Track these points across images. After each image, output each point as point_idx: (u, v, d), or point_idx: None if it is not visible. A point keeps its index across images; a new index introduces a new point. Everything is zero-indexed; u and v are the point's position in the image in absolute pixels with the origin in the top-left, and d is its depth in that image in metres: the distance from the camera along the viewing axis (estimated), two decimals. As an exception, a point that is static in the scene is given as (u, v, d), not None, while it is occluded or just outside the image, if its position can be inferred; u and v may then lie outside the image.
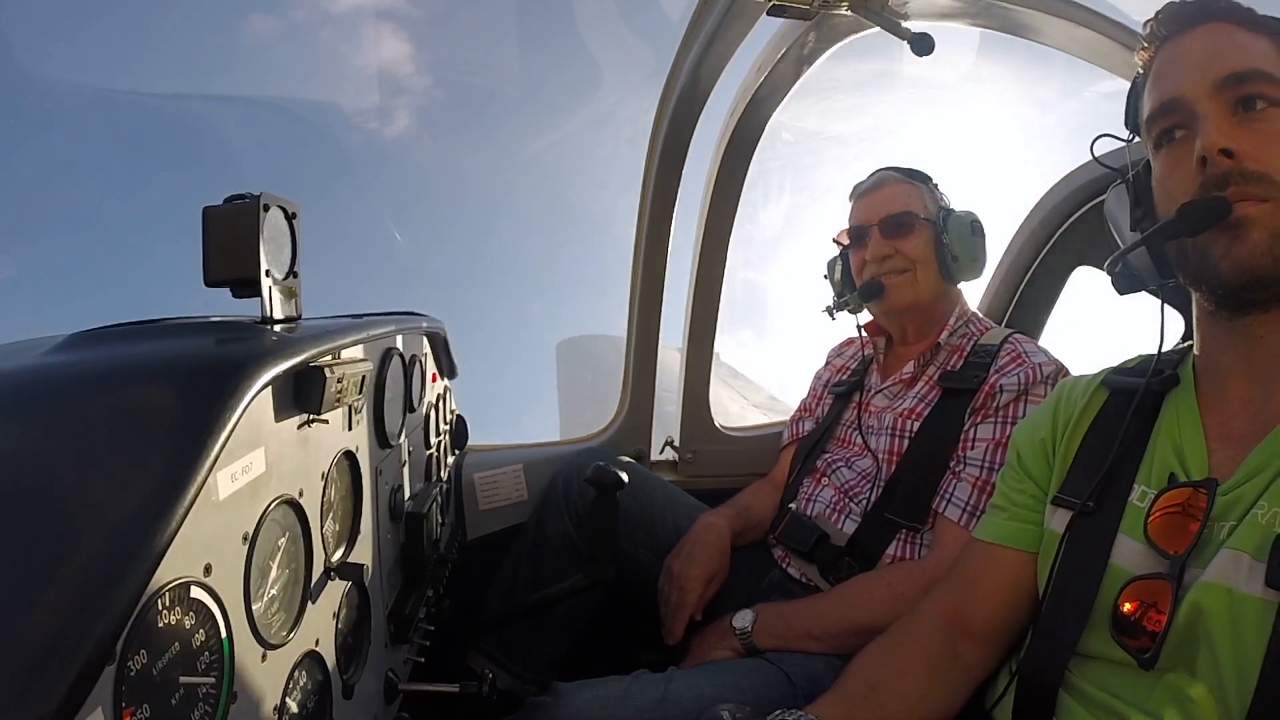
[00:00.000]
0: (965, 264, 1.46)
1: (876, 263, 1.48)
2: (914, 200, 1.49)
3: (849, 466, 1.47)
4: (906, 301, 1.48)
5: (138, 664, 0.46)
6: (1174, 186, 0.77)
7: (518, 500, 1.80)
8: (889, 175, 1.54)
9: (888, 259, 1.47)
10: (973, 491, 1.26)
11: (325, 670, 0.78)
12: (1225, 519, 0.72)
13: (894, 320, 1.55)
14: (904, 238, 1.46)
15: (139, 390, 0.54)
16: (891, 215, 1.47)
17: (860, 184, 1.57)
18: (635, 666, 1.19)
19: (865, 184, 1.56)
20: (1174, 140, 0.79)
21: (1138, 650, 0.72)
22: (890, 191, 1.51)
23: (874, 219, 1.49)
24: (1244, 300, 0.74)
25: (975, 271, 1.49)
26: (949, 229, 1.45)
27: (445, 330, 1.49)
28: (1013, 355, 1.35)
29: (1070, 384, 0.98)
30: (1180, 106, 0.77)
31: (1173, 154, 0.79)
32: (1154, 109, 0.80)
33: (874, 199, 1.52)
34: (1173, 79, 0.78)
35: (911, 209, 1.47)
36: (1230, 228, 0.71)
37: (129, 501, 0.46)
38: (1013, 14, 1.26)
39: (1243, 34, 0.77)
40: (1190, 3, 0.80)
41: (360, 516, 0.91)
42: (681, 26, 1.46)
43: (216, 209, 0.73)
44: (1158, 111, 0.79)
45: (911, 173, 1.54)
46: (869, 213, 1.51)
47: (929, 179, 1.54)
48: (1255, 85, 0.74)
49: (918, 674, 0.92)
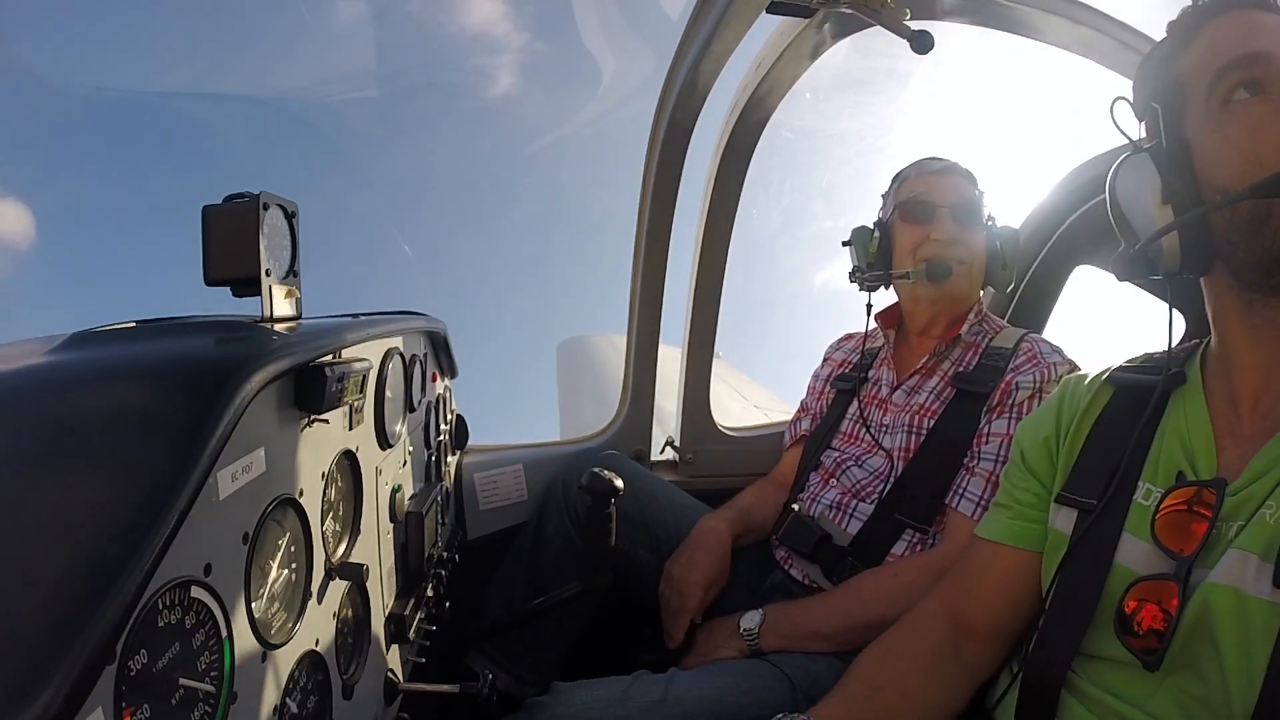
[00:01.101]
0: (1009, 274, 1.47)
1: (944, 245, 1.43)
2: (975, 196, 1.48)
3: (859, 465, 1.45)
4: (961, 293, 1.46)
5: (138, 664, 0.45)
6: (1262, 146, 0.69)
7: (518, 500, 1.79)
8: (958, 166, 1.51)
9: (954, 246, 1.44)
10: (986, 486, 1.25)
11: (325, 670, 0.77)
12: (1234, 519, 0.71)
13: (930, 309, 1.49)
14: (972, 230, 1.46)
15: (139, 389, 0.54)
16: (966, 202, 1.46)
17: (925, 162, 1.53)
18: (635, 667, 1.19)
19: (934, 164, 1.52)
20: (1256, 98, 0.71)
21: (1143, 651, 0.72)
22: (960, 180, 1.49)
23: (945, 201, 1.45)
24: None
25: (1007, 279, 1.48)
26: (1002, 235, 1.46)
27: (446, 330, 1.49)
28: (1029, 355, 1.34)
29: (1074, 381, 0.97)
30: (1267, 61, 0.70)
31: (1254, 112, 0.70)
32: (1229, 63, 0.72)
33: (945, 181, 1.48)
34: (1252, 39, 0.72)
35: (977, 203, 1.48)
36: None
37: (129, 501, 0.46)
38: (1013, 12, 1.26)
39: None
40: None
41: (360, 516, 0.91)
42: (681, 25, 1.46)
43: (216, 208, 0.73)
44: (1234, 65, 0.72)
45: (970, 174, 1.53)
46: (939, 193, 1.46)
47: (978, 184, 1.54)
48: None
49: (920, 674, 0.92)
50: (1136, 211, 0.79)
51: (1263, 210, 0.69)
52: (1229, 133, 0.72)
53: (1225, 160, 0.72)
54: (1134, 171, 0.79)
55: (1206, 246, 0.75)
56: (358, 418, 0.92)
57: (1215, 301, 0.80)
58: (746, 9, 1.31)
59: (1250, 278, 0.73)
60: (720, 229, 1.78)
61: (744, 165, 1.70)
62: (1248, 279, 0.74)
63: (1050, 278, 1.84)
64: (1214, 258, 0.76)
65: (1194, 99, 0.75)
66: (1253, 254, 0.71)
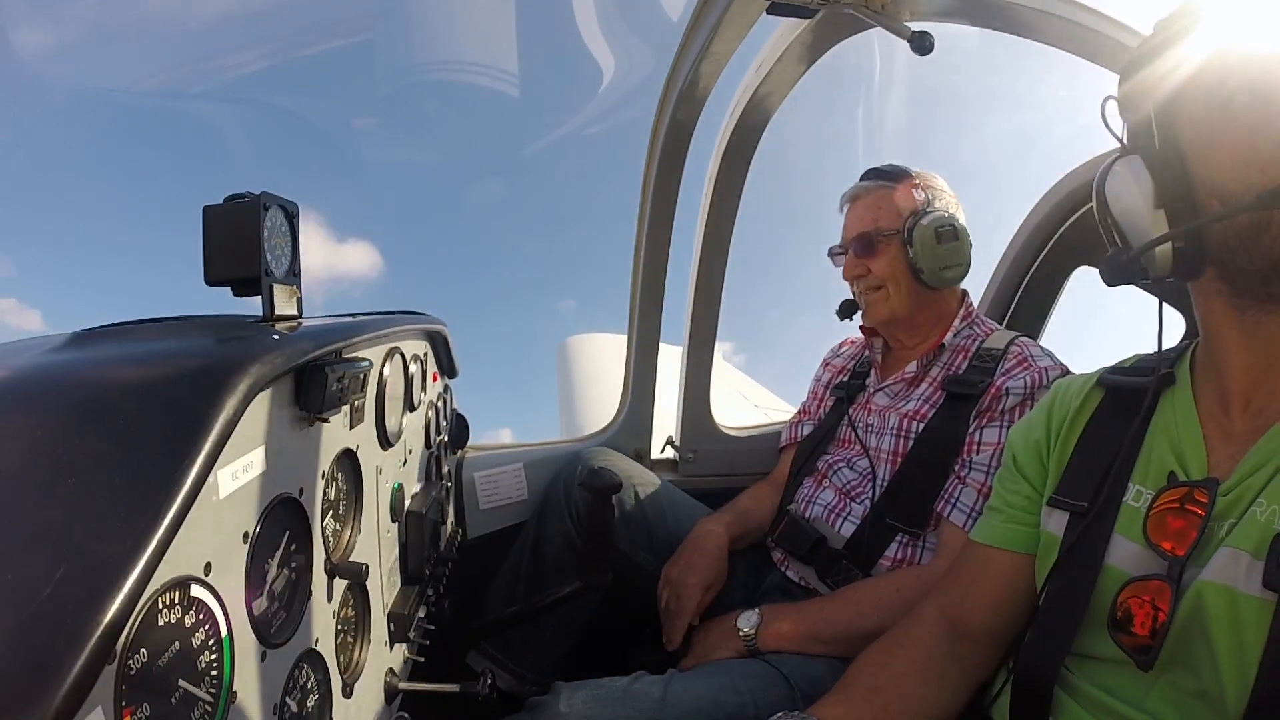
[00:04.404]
0: (934, 273, 1.40)
1: (852, 281, 1.51)
2: (882, 212, 1.45)
3: (850, 467, 1.47)
4: (881, 318, 1.49)
5: (138, 663, 0.45)
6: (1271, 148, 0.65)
7: (518, 500, 1.80)
8: (862, 187, 1.50)
9: (860, 278, 1.49)
10: (978, 496, 1.25)
11: (325, 669, 0.77)
12: (1225, 518, 0.71)
13: (884, 330, 1.55)
14: (872, 257, 1.46)
15: (140, 388, 0.54)
16: (861, 234, 1.46)
17: (844, 194, 1.55)
18: (635, 668, 1.19)
19: (845, 195, 1.54)
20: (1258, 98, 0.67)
21: (1136, 650, 0.72)
22: (862, 205, 1.49)
23: (848, 237, 1.50)
24: None
25: (954, 276, 1.42)
26: (913, 242, 1.40)
27: (446, 330, 1.49)
28: (1019, 358, 1.33)
29: (1065, 385, 0.97)
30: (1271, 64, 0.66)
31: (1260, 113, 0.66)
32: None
33: (851, 214, 1.52)
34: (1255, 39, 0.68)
35: (879, 224, 1.45)
36: None
37: (129, 499, 0.46)
38: (1013, 12, 1.26)
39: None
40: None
41: (361, 516, 0.91)
42: (681, 26, 1.46)
43: (216, 208, 0.73)
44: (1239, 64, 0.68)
45: (887, 173, 1.49)
46: (846, 230, 1.52)
47: (906, 175, 1.48)
48: None
49: (918, 676, 0.92)
50: (1127, 216, 0.76)
51: (1263, 219, 0.66)
52: (1229, 136, 0.69)
53: (1224, 165, 0.69)
54: (1125, 174, 0.76)
55: (1201, 253, 0.73)
56: (358, 417, 0.92)
57: (1204, 305, 0.79)
58: (747, 10, 1.31)
59: (1246, 285, 0.72)
60: (721, 229, 1.78)
61: (744, 166, 1.70)
62: (1242, 286, 0.72)
63: (1049, 280, 1.84)
64: (1207, 264, 0.74)
65: (1190, 100, 0.72)
66: (1252, 262, 0.69)
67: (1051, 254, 1.81)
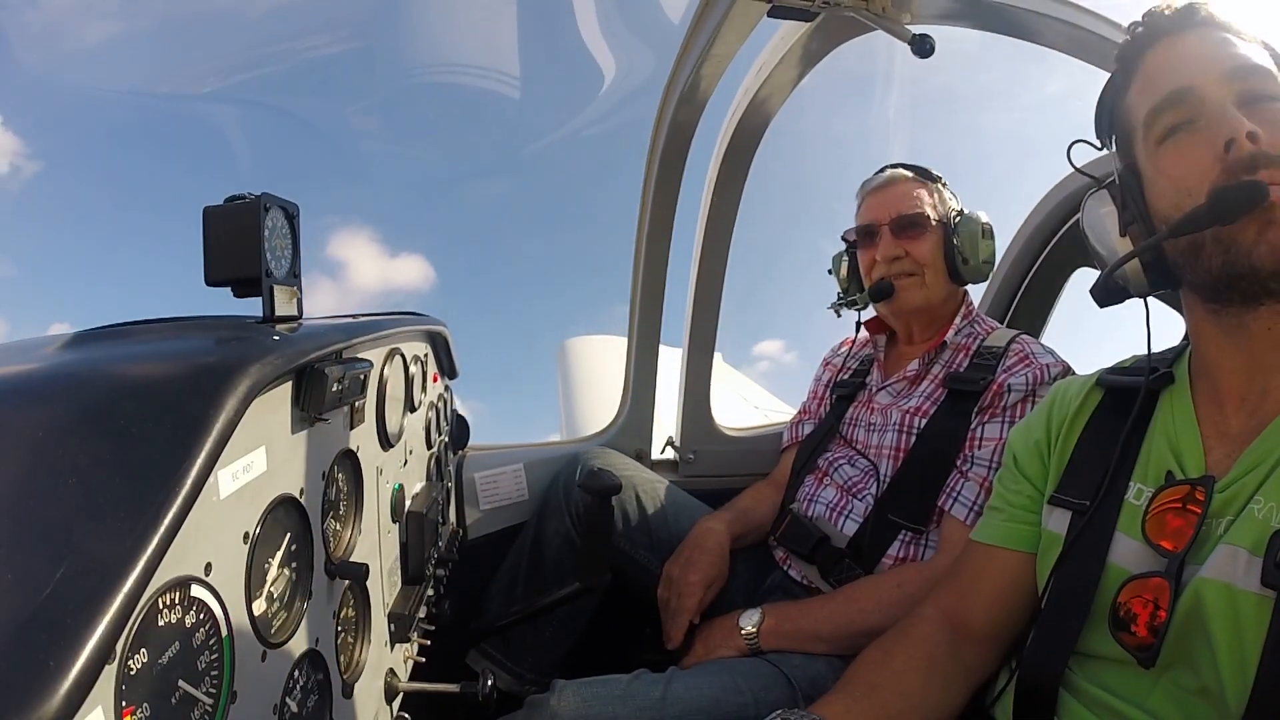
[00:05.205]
0: (975, 267, 1.45)
1: (886, 263, 1.47)
2: (925, 200, 1.47)
3: (851, 464, 1.46)
4: (916, 304, 1.47)
5: (138, 663, 0.46)
6: (1188, 178, 0.75)
7: (518, 500, 1.80)
8: (900, 173, 1.51)
9: (898, 260, 1.46)
10: (980, 491, 1.25)
11: (325, 670, 0.78)
12: (1223, 515, 0.72)
13: (900, 320, 1.53)
14: (915, 239, 1.45)
15: (140, 389, 0.54)
16: (903, 215, 1.46)
17: (870, 180, 1.55)
18: (635, 666, 1.19)
19: (875, 180, 1.53)
20: (1183, 132, 0.76)
21: (1137, 648, 0.73)
22: (901, 190, 1.49)
23: (885, 218, 1.47)
24: (1270, 290, 0.72)
25: (985, 274, 1.48)
26: (960, 231, 1.44)
27: (447, 331, 1.49)
28: (1020, 356, 1.34)
29: (1064, 385, 0.98)
30: (1191, 96, 0.75)
31: (1183, 145, 0.76)
32: (1159, 102, 0.78)
33: (885, 196, 1.49)
34: (1178, 72, 0.77)
35: (923, 209, 1.46)
36: (1263, 212, 0.69)
37: (130, 500, 0.46)
38: (1014, 15, 1.26)
39: (1233, 36, 0.78)
40: (1177, 10, 0.80)
41: (361, 516, 0.91)
42: (682, 28, 1.46)
43: (217, 209, 0.73)
44: (1165, 103, 0.77)
45: (922, 171, 1.52)
46: (879, 211, 1.49)
47: (939, 178, 1.52)
48: (1260, 80, 0.74)
49: (918, 674, 0.92)
50: (1103, 242, 0.87)
51: (1198, 239, 0.74)
52: (1163, 166, 0.78)
53: (1164, 193, 0.78)
54: (1094, 208, 0.87)
55: (1165, 268, 0.80)
56: (359, 417, 0.92)
57: (1188, 311, 0.84)
58: (748, 12, 1.31)
59: (1204, 294, 0.78)
60: (721, 231, 1.79)
61: (745, 168, 1.70)
62: (1204, 295, 0.79)
63: (1050, 280, 1.84)
64: (1175, 276, 0.81)
65: (1138, 135, 0.81)
66: (1198, 276, 0.77)
67: (1052, 255, 1.81)
